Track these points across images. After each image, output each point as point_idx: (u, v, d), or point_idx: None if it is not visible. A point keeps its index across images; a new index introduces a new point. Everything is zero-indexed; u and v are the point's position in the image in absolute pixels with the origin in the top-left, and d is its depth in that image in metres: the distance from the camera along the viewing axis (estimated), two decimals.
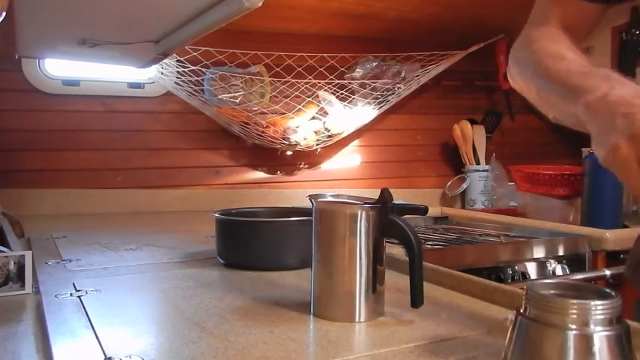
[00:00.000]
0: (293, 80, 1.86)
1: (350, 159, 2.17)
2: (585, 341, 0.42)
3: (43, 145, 1.76)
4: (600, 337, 0.42)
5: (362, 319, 0.65)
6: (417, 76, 2.01)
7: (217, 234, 0.99)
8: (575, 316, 0.42)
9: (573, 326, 0.42)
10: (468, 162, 2.19)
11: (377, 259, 0.66)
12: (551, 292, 0.48)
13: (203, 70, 1.74)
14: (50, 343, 0.58)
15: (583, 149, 1.98)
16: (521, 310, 0.46)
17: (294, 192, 2.04)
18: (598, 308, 0.42)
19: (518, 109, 2.25)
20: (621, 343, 0.43)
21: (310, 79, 1.88)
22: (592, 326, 0.42)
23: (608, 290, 0.45)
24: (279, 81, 1.85)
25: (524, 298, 0.46)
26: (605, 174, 1.61)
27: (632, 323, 0.45)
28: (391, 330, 0.63)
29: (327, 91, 1.94)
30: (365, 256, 0.65)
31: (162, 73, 1.73)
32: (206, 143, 1.96)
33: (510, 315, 0.47)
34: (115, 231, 1.42)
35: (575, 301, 0.43)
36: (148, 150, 1.88)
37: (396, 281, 0.80)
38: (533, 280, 1.36)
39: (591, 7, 0.78)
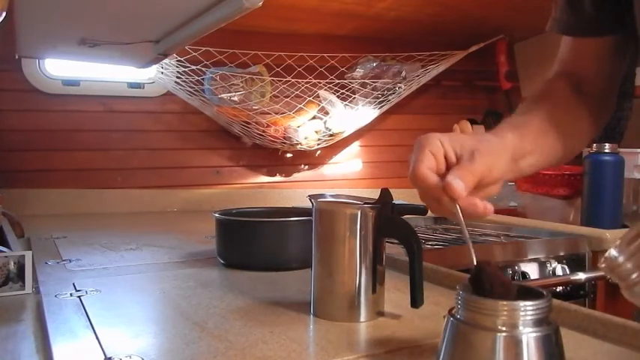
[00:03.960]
0: (293, 80, 1.86)
1: (350, 159, 2.17)
2: (514, 343, 0.42)
3: (43, 145, 1.76)
4: (529, 338, 0.42)
5: (362, 319, 0.65)
6: (418, 76, 2.01)
7: (217, 234, 0.98)
8: (504, 318, 0.42)
9: (503, 328, 0.42)
10: None
11: (377, 259, 0.66)
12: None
13: (203, 70, 1.74)
14: (50, 343, 0.58)
15: (583, 149, 1.98)
16: (453, 311, 0.45)
17: (294, 192, 2.04)
18: (527, 309, 0.42)
19: None
20: (551, 343, 0.42)
21: (310, 79, 1.88)
22: (521, 327, 0.42)
23: (540, 290, 0.45)
24: (279, 81, 1.85)
25: (455, 299, 0.45)
26: (605, 174, 1.61)
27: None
28: (391, 330, 0.63)
29: (328, 90, 1.94)
30: (365, 256, 0.65)
31: (162, 73, 1.73)
32: (206, 143, 1.96)
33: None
34: (115, 231, 1.42)
35: (504, 302, 0.43)
36: (148, 150, 1.88)
37: (396, 281, 0.80)
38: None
39: (593, 42, 0.78)
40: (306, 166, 2.10)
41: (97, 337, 0.59)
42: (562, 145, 0.72)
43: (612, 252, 0.41)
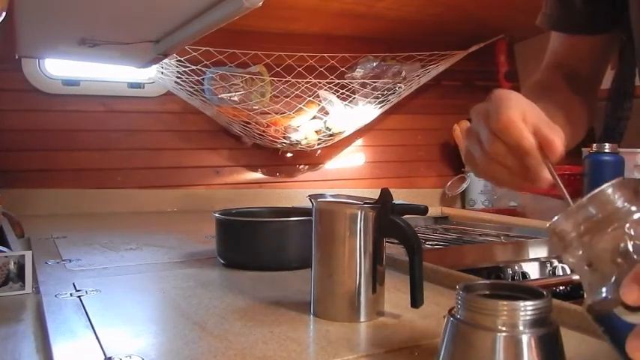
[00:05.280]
0: (293, 80, 1.86)
1: (350, 159, 2.18)
2: (514, 343, 0.42)
3: (43, 145, 1.76)
4: (529, 338, 0.42)
5: (362, 319, 0.65)
6: (418, 75, 2.01)
7: (217, 234, 0.98)
8: (504, 318, 0.42)
9: (503, 328, 0.42)
10: None
11: (377, 259, 0.66)
12: (484, 292, 0.47)
13: (203, 70, 1.74)
14: (50, 343, 0.58)
15: (583, 149, 1.98)
16: (453, 311, 0.45)
17: (294, 192, 2.04)
18: (527, 309, 0.42)
19: None
20: (551, 343, 0.42)
21: (310, 79, 1.88)
22: (521, 327, 0.42)
23: (540, 290, 0.45)
24: (279, 81, 1.86)
25: (455, 299, 0.45)
26: (605, 174, 1.61)
27: None
28: (391, 330, 0.63)
29: (328, 90, 1.94)
30: (365, 256, 0.65)
31: (162, 73, 1.73)
32: (206, 143, 1.96)
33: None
34: (115, 231, 1.42)
35: (504, 302, 0.42)
36: (148, 150, 1.88)
37: (396, 281, 0.80)
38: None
39: (584, 40, 0.79)
40: (307, 166, 2.10)
41: (97, 337, 0.59)
42: (574, 136, 0.73)
43: (557, 217, 0.42)
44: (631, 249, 0.39)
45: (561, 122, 0.68)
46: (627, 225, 0.40)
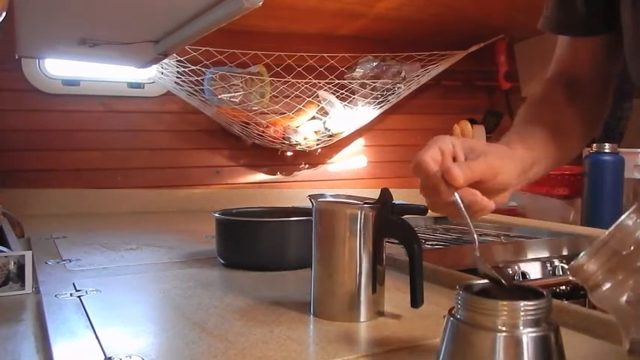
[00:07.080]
0: (293, 80, 1.86)
1: (350, 159, 2.17)
2: (514, 343, 0.42)
3: (43, 145, 1.76)
4: (529, 338, 0.42)
5: (362, 319, 0.65)
6: (417, 75, 2.01)
7: (217, 234, 0.98)
8: (504, 318, 0.42)
9: (503, 328, 0.42)
10: None
11: (377, 259, 0.66)
12: (484, 292, 0.47)
13: (203, 70, 1.74)
14: (50, 343, 0.58)
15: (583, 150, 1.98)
16: (453, 311, 0.45)
17: (295, 192, 2.04)
18: (527, 309, 0.42)
19: (518, 108, 2.25)
20: (551, 343, 0.42)
21: (310, 79, 1.88)
22: (521, 327, 0.42)
23: (540, 290, 0.45)
24: (279, 81, 1.86)
25: (455, 299, 0.45)
26: (605, 174, 1.61)
27: None
28: (391, 330, 0.63)
29: (328, 90, 1.94)
30: (365, 256, 0.65)
31: (162, 73, 1.73)
32: (206, 143, 1.96)
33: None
34: (115, 231, 1.42)
35: (504, 302, 0.42)
36: (148, 150, 1.88)
37: (396, 281, 0.80)
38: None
39: (586, 42, 0.79)
40: (307, 166, 2.10)
41: (97, 337, 0.59)
42: (565, 149, 0.74)
43: (580, 256, 0.42)
44: None
45: (537, 145, 0.69)
46: None
